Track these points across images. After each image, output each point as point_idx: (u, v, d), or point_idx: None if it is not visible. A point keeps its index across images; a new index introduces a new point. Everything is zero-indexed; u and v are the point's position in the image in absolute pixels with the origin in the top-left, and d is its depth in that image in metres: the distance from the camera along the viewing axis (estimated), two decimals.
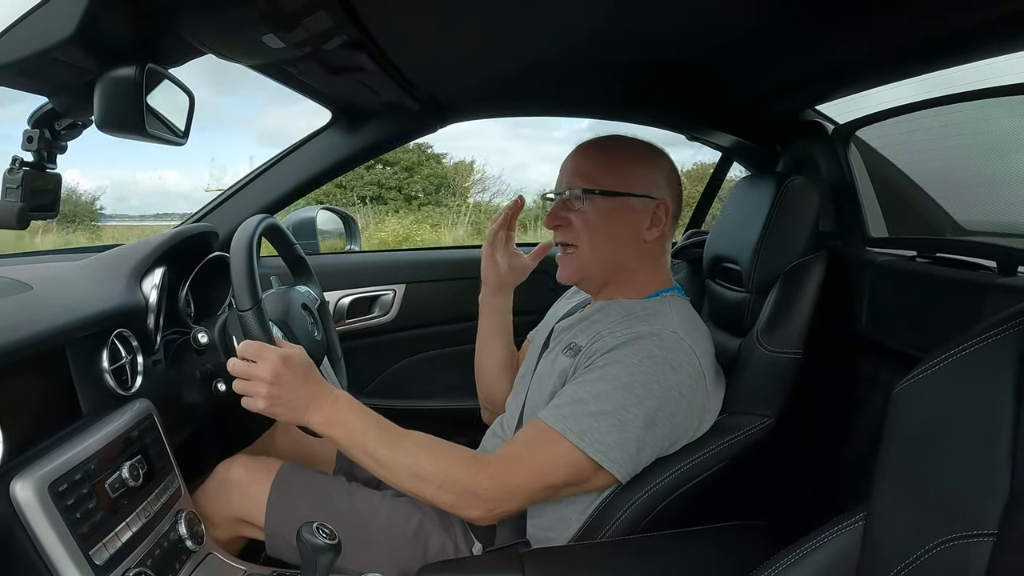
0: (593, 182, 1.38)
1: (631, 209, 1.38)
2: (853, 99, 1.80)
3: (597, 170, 1.39)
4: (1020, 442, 0.78)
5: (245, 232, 1.33)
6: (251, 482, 1.44)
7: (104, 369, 1.19)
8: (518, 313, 1.72)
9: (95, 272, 1.39)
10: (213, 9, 1.10)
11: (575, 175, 1.40)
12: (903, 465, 0.89)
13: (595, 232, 1.39)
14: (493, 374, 1.73)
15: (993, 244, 1.44)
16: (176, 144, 1.21)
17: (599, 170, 1.39)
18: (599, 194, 1.37)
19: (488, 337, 1.73)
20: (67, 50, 0.94)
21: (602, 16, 1.31)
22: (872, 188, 1.85)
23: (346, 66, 1.50)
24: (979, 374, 0.84)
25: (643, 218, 1.39)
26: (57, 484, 0.97)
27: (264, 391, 1.20)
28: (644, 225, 1.39)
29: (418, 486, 1.21)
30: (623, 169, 1.39)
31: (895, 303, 1.59)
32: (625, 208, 1.38)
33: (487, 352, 1.73)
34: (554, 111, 2.30)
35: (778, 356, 1.44)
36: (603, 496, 1.32)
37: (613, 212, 1.38)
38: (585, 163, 1.42)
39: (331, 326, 1.78)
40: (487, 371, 1.74)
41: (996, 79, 1.36)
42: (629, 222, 1.39)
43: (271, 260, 2.06)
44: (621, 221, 1.39)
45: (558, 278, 1.46)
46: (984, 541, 0.77)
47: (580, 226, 1.39)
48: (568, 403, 1.24)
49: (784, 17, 1.29)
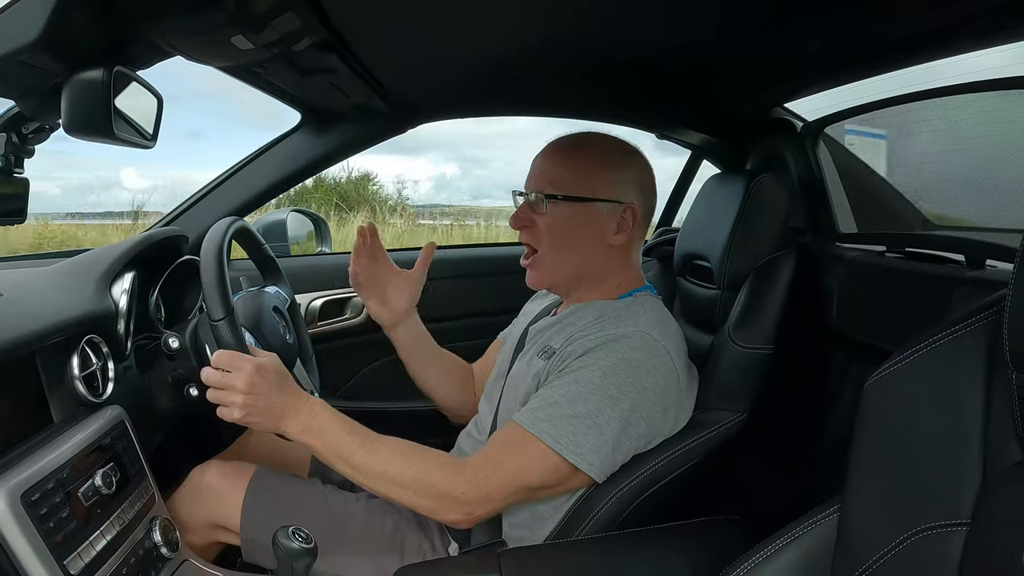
0: (557, 187, 1.37)
1: (596, 214, 1.38)
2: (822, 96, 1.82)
3: (562, 174, 1.38)
4: (991, 432, 0.80)
5: (215, 237, 1.31)
6: (225, 487, 1.43)
7: (75, 376, 1.17)
8: (495, 313, 1.72)
9: (64, 278, 1.36)
10: (181, 11, 1.09)
11: (540, 178, 1.40)
12: (876, 457, 0.91)
13: (556, 237, 1.39)
14: (437, 388, 1.71)
15: (961, 238, 1.46)
16: (144, 147, 1.20)
17: (564, 174, 1.38)
18: (562, 199, 1.37)
19: (415, 364, 1.68)
20: (34, 53, 0.93)
21: (570, 17, 1.31)
22: (841, 184, 1.88)
23: (315, 67, 1.49)
24: (949, 366, 0.86)
25: (609, 222, 1.39)
26: (30, 493, 0.95)
27: (239, 401, 1.19)
28: (610, 230, 1.39)
29: (395, 492, 1.21)
30: (589, 173, 1.38)
31: (865, 298, 1.61)
32: (589, 213, 1.38)
33: (422, 377, 1.70)
34: (524, 111, 2.31)
35: (750, 352, 1.45)
36: (579, 494, 1.32)
37: (576, 217, 1.38)
38: (551, 167, 1.41)
39: (302, 326, 1.77)
40: (430, 389, 1.72)
41: (963, 76, 1.39)
42: (593, 227, 1.39)
43: (240, 262, 2.04)
44: (585, 225, 1.38)
45: (528, 283, 1.46)
46: (958, 530, 0.79)
47: (542, 229, 1.39)
48: (543, 406, 1.24)
49: (751, 16, 1.30)
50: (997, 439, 0.79)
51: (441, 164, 33.86)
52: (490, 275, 2.50)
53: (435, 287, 2.36)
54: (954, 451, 0.82)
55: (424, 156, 36.45)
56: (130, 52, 1.14)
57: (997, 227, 1.45)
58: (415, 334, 1.66)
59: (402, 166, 34.90)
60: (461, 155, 34.67)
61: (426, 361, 1.69)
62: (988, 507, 0.77)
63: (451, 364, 1.75)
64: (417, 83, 1.81)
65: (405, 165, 45.70)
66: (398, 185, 17.17)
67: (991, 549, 0.75)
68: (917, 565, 0.81)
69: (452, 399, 1.73)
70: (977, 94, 1.39)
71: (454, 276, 2.46)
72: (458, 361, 1.78)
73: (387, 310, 1.60)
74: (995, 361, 0.81)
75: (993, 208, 1.47)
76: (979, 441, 0.80)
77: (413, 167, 28.88)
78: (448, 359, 1.75)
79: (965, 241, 1.43)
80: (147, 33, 1.12)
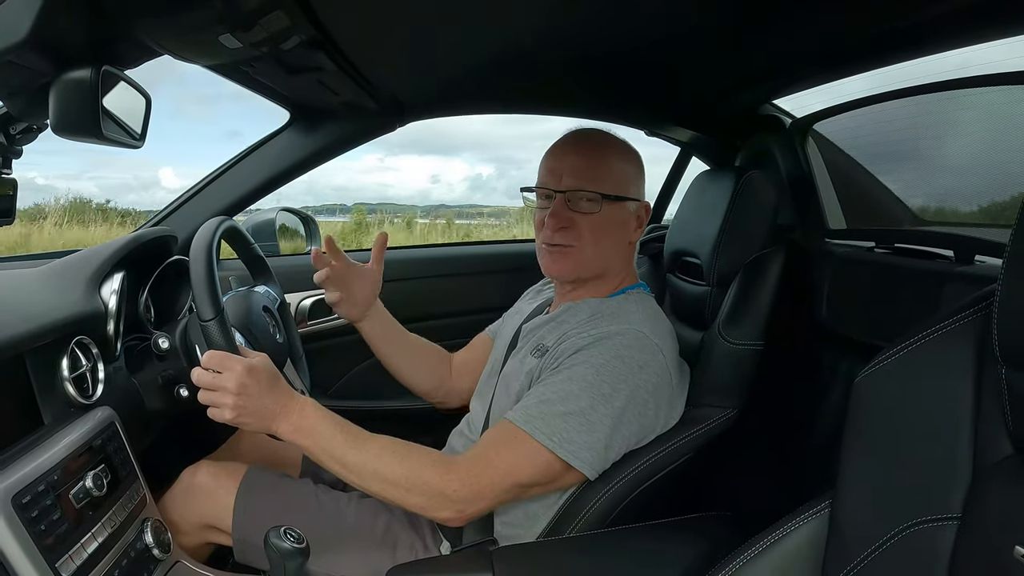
0: (599, 185, 1.37)
1: (627, 212, 1.40)
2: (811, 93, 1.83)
3: (600, 173, 1.38)
4: (981, 426, 0.81)
5: (204, 237, 1.30)
6: (217, 487, 1.43)
7: (65, 377, 1.17)
8: (483, 311, 1.71)
9: (53, 279, 1.36)
10: (170, 10, 1.08)
11: (577, 175, 1.38)
12: (866, 452, 0.91)
13: (601, 236, 1.39)
14: (411, 373, 1.72)
15: (950, 234, 1.47)
16: (132, 147, 1.19)
17: (602, 173, 1.38)
18: (604, 198, 1.37)
19: (387, 352, 1.70)
20: (21, 53, 0.92)
21: (558, 14, 1.32)
22: (830, 180, 1.89)
23: (304, 66, 1.49)
24: (939, 361, 0.86)
25: (632, 221, 1.42)
26: (20, 496, 0.95)
27: (230, 402, 1.18)
28: (632, 227, 1.42)
29: (387, 490, 1.21)
30: (622, 172, 1.40)
31: (855, 293, 1.62)
32: (623, 212, 1.40)
33: (395, 364, 1.71)
34: (513, 109, 2.31)
35: (740, 348, 1.46)
36: (570, 492, 1.33)
37: (615, 216, 1.39)
38: (587, 164, 1.39)
39: (292, 325, 1.76)
40: (404, 375, 1.72)
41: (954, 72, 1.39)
42: (624, 225, 1.41)
43: (230, 262, 2.03)
44: (619, 224, 1.40)
45: (551, 272, 1.45)
46: (948, 525, 0.79)
47: (586, 229, 1.38)
48: (536, 403, 1.24)
49: (739, 12, 1.31)
50: (987, 433, 0.80)
51: (477, 165, 34.02)
52: (478, 274, 2.51)
53: (421, 286, 2.36)
54: (944, 446, 0.83)
55: (459, 156, 36.60)
56: (118, 51, 1.14)
57: (986, 223, 1.45)
58: (383, 323, 1.68)
59: (437, 166, 34.81)
60: (497, 156, 34.82)
61: (397, 348, 1.70)
62: (979, 501, 0.77)
63: (421, 348, 1.76)
64: (405, 81, 1.81)
65: (440, 165, 45.78)
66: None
67: (982, 543, 0.75)
68: (908, 559, 0.82)
69: (426, 382, 1.73)
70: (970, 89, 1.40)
71: (441, 275, 2.46)
72: (429, 344, 1.78)
73: (353, 306, 1.61)
74: (985, 356, 0.82)
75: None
76: (969, 435, 0.81)
77: (448, 167, 29.01)
78: (418, 343, 1.76)
79: (954, 237, 1.43)
80: (135, 32, 1.12)
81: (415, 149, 71.52)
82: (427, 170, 60.81)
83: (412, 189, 53.57)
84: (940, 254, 1.45)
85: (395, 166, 58.71)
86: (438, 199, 32.12)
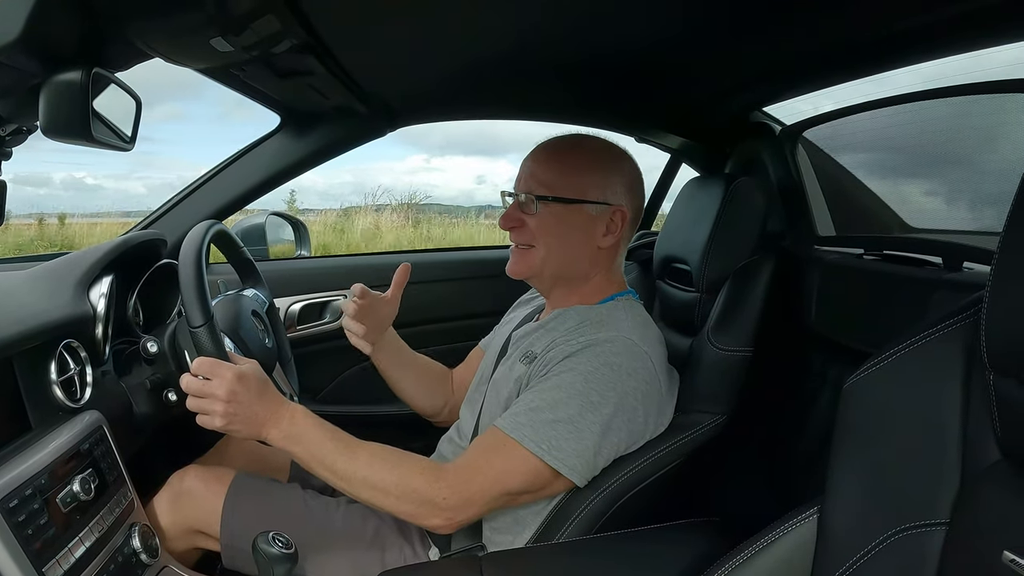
0: (548, 188, 1.37)
1: (586, 215, 1.39)
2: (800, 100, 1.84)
3: (553, 175, 1.38)
4: (969, 433, 0.81)
5: (193, 242, 1.30)
6: (205, 492, 1.42)
7: (52, 381, 1.16)
8: (475, 316, 1.71)
9: (41, 282, 1.35)
10: (161, 12, 1.08)
11: (530, 179, 1.40)
12: (855, 458, 0.92)
13: (549, 235, 1.39)
14: (415, 395, 1.72)
15: (938, 241, 1.47)
16: (122, 149, 1.19)
17: (555, 175, 1.38)
18: (552, 200, 1.37)
19: (393, 374, 1.68)
20: (12, 54, 0.92)
21: (548, 20, 1.32)
22: (819, 187, 1.90)
23: (295, 69, 1.49)
24: (928, 368, 0.87)
25: (598, 224, 1.39)
26: (7, 500, 0.95)
27: (220, 409, 1.18)
28: (599, 231, 1.40)
29: (377, 497, 1.21)
30: (579, 175, 1.39)
31: (844, 300, 1.62)
32: (579, 214, 1.38)
33: (400, 385, 1.70)
34: (502, 115, 2.31)
35: (729, 354, 1.46)
36: (559, 498, 1.33)
37: (565, 218, 1.38)
38: (542, 168, 1.40)
39: (280, 328, 1.76)
40: (408, 396, 1.72)
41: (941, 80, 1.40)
42: (583, 228, 1.39)
43: (219, 266, 2.03)
44: (575, 226, 1.39)
45: (509, 271, 1.45)
46: (937, 530, 0.80)
47: (534, 228, 1.39)
48: (525, 411, 1.24)
49: (728, 19, 1.31)
50: (975, 439, 0.81)
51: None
52: (471, 278, 2.50)
53: (415, 290, 2.36)
54: (932, 451, 0.83)
55: (505, 158, 36.53)
56: (109, 53, 1.13)
57: (974, 230, 1.46)
58: (394, 349, 1.67)
59: (482, 167, 34.83)
60: None
61: (404, 370, 1.69)
62: (967, 507, 0.78)
63: (428, 369, 1.76)
64: (395, 86, 1.81)
65: (485, 166, 45.95)
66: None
67: (971, 548, 0.76)
68: (897, 565, 0.82)
69: (429, 403, 1.73)
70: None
71: (435, 280, 2.46)
72: (435, 365, 1.78)
73: (370, 333, 1.57)
74: (973, 363, 0.83)
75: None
76: (957, 442, 0.82)
77: (493, 168, 29.16)
78: (425, 365, 1.75)
79: (943, 244, 1.44)
80: (126, 34, 1.11)
81: (460, 150, 71.24)
82: (472, 171, 61.80)
83: (456, 190, 54.07)
84: (929, 261, 1.46)
85: (440, 167, 59.22)
86: (484, 200, 32.27)
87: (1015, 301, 0.71)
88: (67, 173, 9.72)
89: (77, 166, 29.20)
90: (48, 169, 34.71)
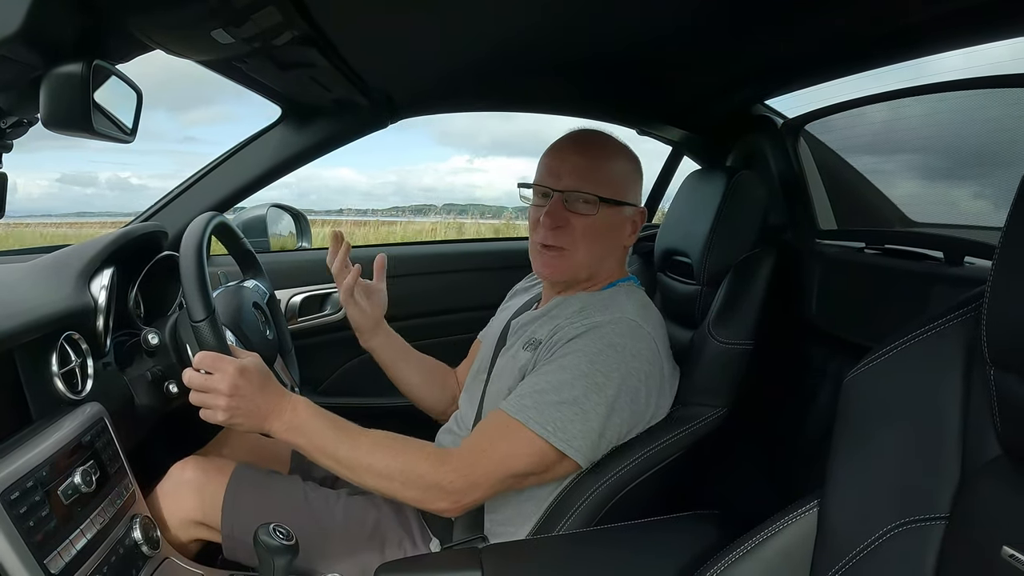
0: (598, 188, 1.36)
1: (623, 217, 1.40)
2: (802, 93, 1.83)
3: (601, 176, 1.37)
4: (969, 427, 0.81)
5: (194, 234, 1.30)
6: (206, 484, 1.43)
7: (54, 373, 1.17)
8: (471, 309, 1.71)
9: (42, 274, 1.35)
10: (162, 5, 1.07)
11: (577, 176, 1.37)
12: (855, 452, 0.92)
13: (594, 239, 1.38)
14: (418, 393, 1.73)
15: (940, 235, 1.47)
16: (123, 142, 1.18)
17: (603, 176, 1.37)
18: (603, 202, 1.36)
19: (396, 371, 1.70)
20: (12, 46, 0.91)
21: (550, 12, 1.32)
22: (821, 181, 1.89)
23: (296, 62, 1.48)
24: (928, 362, 0.87)
25: (628, 225, 1.42)
26: (9, 492, 0.95)
27: (223, 403, 1.18)
28: (628, 232, 1.42)
29: (383, 484, 1.21)
30: (622, 178, 1.40)
31: (844, 294, 1.62)
32: (619, 216, 1.40)
33: (404, 383, 1.71)
34: (504, 107, 2.31)
35: (730, 347, 1.46)
36: (560, 489, 1.33)
37: (612, 220, 1.39)
38: (588, 166, 1.38)
39: (282, 321, 1.76)
40: (413, 396, 1.73)
41: (946, 74, 1.40)
42: (620, 229, 1.41)
43: (220, 258, 2.03)
44: (615, 228, 1.40)
45: (542, 275, 1.45)
46: (936, 525, 0.80)
47: (580, 230, 1.37)
48: (530, 393, 1.24)
49: (729, 12, 1.31)
50: (975, 434, 0.81)
51: None
52: (467, 271, 2.51)
53: (411, 283, 2.36)
54: (932, 446, 0.83)
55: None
56: (109, 46, 1.13)
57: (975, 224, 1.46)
58: (393, 343, 1.68)
59: (525, 167, 34.74)
60: None
61: (406, 367, 1.70)
62: (967, 501, 0.78)
63: (430, 368, 1.76)
64: (397, 78, 1.81)
65: (529, 167, 46.42)
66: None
67: (970, 543, 0.76)
68: (896, 559, 0.82)
69: (432, 401, 1.74)
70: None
71: (431, 272, 2.46)
72: (437, 364, 1.79)
73: (366, 316, 1.60)
74: (974, 357, 0.83)
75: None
76: (957, 437, 0.82)
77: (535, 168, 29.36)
78: (427, 363, 1.76)
79: (944, 238, 1.43)
80: (127, 27, 1.11)
81: (504, 151, 72.74)
82: (516, 171, 62.01)
83: (499, 190, 53.58)
84: (930, 255, 1.45)
85: (483, 167, 59.87)
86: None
87: (1017, 296, 0.71)
88: (112, 173, 9.70)
89: (122, 166, 28.54)
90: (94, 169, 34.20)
